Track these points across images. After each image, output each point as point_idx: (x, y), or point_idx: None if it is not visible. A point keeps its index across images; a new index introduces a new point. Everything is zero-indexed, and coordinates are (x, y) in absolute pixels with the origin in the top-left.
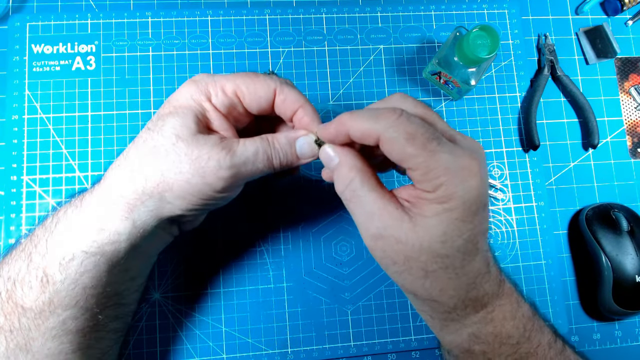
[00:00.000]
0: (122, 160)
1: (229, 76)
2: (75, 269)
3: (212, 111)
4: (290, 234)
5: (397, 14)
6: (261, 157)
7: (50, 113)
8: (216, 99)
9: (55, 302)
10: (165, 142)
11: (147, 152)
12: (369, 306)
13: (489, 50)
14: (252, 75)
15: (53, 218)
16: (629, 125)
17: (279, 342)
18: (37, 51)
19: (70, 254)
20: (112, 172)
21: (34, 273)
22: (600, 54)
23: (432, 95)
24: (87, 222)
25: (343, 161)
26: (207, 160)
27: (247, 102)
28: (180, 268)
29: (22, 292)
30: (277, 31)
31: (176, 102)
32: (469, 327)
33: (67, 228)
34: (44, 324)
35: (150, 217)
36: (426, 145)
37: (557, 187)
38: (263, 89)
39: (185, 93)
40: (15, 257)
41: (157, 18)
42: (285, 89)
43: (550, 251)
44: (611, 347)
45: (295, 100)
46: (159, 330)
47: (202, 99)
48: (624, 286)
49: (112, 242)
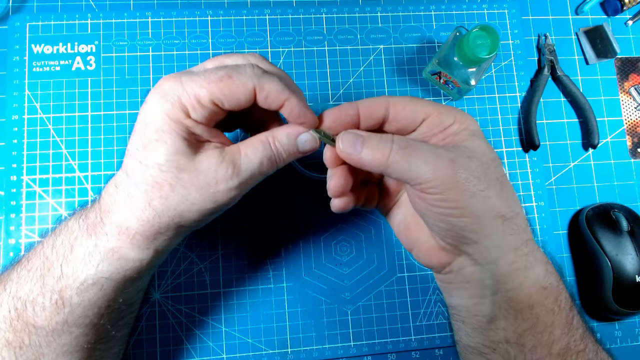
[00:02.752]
0: (126, 197)
1: (200, 81)
2: (94, 293)
3: (195, 126)
4: (290, 233)
5: (397, 14)
6: (266, 165)
7: (50, 113)
8: (195, 113)
9: (69, 321)
10: (167, 177)
11: (150, 189)
12: (369, 306)
13: (489, 50)
14: (225, 77)
15: (64, 241)
16: (629, 125)
17: (279, 342)
18: (37, 51)
19: (90, 280)
20: (120, 208)
21: (48, 296)
22: (600, 54)
23: (432, 95)
24: (108, 252)
25: (370, 134)
26: (215, 184)
27: (227, 107)
28: (180, 268)
29: (34, 312)
30: (277, 31)
31: (156, 125)
32: (539, 251)
33: (85, 255)
34: (56, 341)
35: (170, 241)
36: (429, 100)
37: (557, 187)
38: (240, 91)
39: (160, 113)
40: (23, 277)
41: (157, 18)
42: (265, 85)
43: (550, 251)
44: (611, 347)
45: (279, 93)
46: (159, 330)
47: (181, 116)
48: (624, 286)
49: (135, 268)
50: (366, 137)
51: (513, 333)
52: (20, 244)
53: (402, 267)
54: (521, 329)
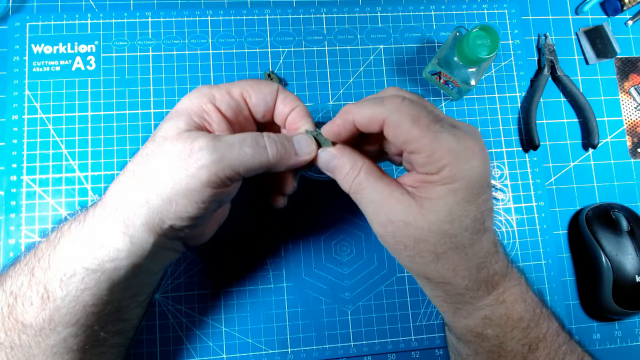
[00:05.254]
0: (121, 174)
1: (232, 82)
2: (76, 286)
3: (213, 112)
4: (290, 233)
5: (397, 14)
6: (249, 141)
7: (50, 113)
8: (221, 100)
9: (55, 319)
10: (154, 146)
11: (140, 161)
12: (369, 306)
13: (489, 50)
14: (256, 79)
15: (57, 232)
16: (629, 125)
17: (279, 342)
18: (37, 51)
19: (71, 270)
20: (112, 186)
21: (35, 288)
22: (600, 54)
23: (432, 95)
24: (88, 238)
25: (343, 159)
26: (190, 152)
27: (254, 102)
28: (180, 268)
29: (23, 308)
30: (277, 31)
31: (175, 109)
32: (481, 309)
33: (70, 243)
34: (45, 342)
35: (145, 231)
36: (430, 127)
37: (557, 187)
38: (267, 88)
39: (186, 99)
40: (18, 271)
41: (157, 18)
42: (285, 91)
43: (550, 251)
44: (611, 347)
45: (294, 100)
46: (159, 330)
47: (204, 101)
48: (624, 286)
49: (112, 259)
50: (338, 166)
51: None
52: (20, 244)
53: (402, 267)
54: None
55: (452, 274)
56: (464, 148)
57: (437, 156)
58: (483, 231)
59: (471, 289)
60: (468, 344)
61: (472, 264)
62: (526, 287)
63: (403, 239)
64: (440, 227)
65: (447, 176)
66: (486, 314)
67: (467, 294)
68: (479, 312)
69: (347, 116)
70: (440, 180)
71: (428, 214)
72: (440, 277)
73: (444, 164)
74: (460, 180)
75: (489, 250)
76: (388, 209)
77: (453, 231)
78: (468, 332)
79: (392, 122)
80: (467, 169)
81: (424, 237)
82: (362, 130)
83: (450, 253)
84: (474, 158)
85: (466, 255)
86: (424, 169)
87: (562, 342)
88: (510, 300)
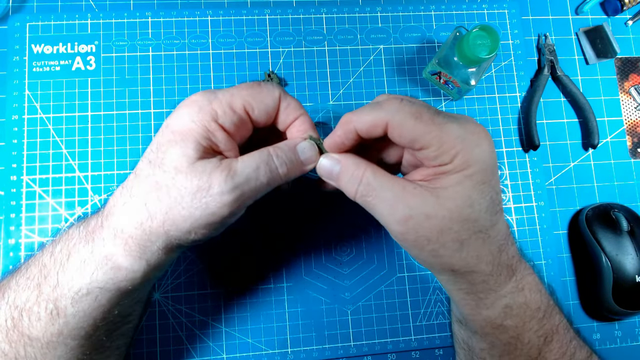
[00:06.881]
0: (128, 197)
1: (232, 90)
2: (89, 304)
3: (218, 131)
4: (290, 233)
5: (397, 14)
6: (263, 170)
7: (50, 113)
8: (224, 118)
9: (65, 333)
10: (165, 177)
11: (149, 190)
12: (369, 306)
13: (489, 50)
14: (256, 86)
15: (62, 249)
16: (629, 125)
17: (279, 342)
18: (37, 51)
19: (85, 289)
20: (120, 210)
21: (44, 305)
22: (600, 54)
23: (432, 95)
24: (102, 260)
25: (346, 163)
26: (208, 189)
27: (256, 114)
28: (180, 268)
29: (29, 323)
30: (277, 31)
31: (175, 127)
32: (504, 297)
33: (80, 262)
34: (51, 353)
35: (162, 254)
36: (434, 120)
37: (557, 187)
38: (269, 97)
39: (185, 116)
40: (22, 285)
41: (157, 18)
42: (287, 97)
43: (550, 251)
44: (611, 347)
45: (297, 108)
46: (159, 330)
47: (207, 119)
48: (624, 286)
49: (128, 279)
50: (342, 170)
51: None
52: (20, 244)
53: (402, 267)
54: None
55: (476, 260)
56: (471, 133)
57: (448, 146)
58: (499, 211)
59: (494, 274)
60: (485, 337)
61: (494, 247)
62: (538, 277)
63: (425, 232)
64: (461, 213)
65: (460, 163)
66: (507, 303)
67: (490, 280)
68: (501, 301)
69: (348, 126)
70: (454, 169)
71: (447, 202)
72: (465, 265)
73: (456, 152)
74: (474, 165)
75: (506, 232)
76: (405, 204)
77: (475, 215)
78: (488, 324)
79: (395, 123)
80: (479, 152)
81: (447, 227)
82: (365, 136)
83: (474, 238)
84: (482, 141)
85: (489, 238)
86: (435, 161)
87: (572, 336)
88: (527, 289)
